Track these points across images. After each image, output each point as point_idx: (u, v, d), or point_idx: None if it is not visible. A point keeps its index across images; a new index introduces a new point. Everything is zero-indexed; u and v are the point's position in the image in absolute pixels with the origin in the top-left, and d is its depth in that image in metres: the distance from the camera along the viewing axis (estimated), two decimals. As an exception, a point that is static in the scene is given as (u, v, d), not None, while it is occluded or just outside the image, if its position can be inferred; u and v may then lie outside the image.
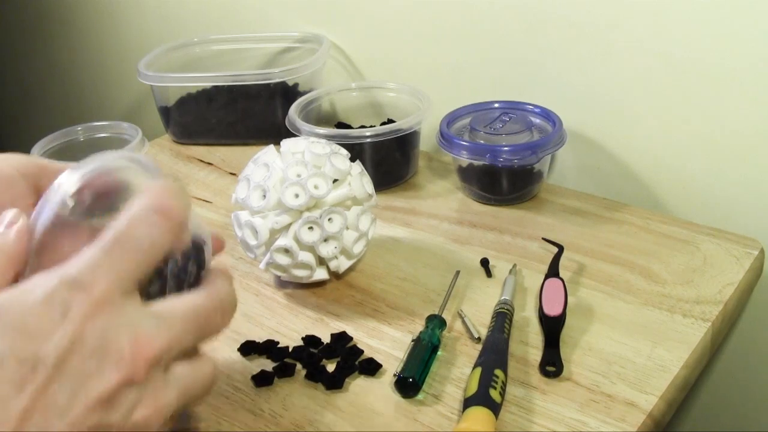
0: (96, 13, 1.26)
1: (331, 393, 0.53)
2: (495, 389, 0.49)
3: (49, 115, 1.50)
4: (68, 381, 0.33)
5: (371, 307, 0.61)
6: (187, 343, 0.38)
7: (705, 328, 0.57)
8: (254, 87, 0.89)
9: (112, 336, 0.34)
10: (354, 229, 0.61)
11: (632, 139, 0.76)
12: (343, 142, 0.69)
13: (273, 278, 0.65)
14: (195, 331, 0.39)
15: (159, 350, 0.36)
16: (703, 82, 0.69)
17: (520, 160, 0.70)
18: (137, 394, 0.35)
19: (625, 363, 0.54)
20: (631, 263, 0.65)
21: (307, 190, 0.58)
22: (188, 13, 1.11)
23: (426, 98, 0.79)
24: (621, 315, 0.59)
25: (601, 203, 0.74)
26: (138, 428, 0.35)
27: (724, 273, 0.63)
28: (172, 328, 0.37)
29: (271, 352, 0.57)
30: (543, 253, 0.66)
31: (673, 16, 0.68)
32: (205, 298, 0.40)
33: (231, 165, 0.87)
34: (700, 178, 0.73)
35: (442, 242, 0.69)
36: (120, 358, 0.34)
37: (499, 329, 0.56)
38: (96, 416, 0.34)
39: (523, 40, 0.79)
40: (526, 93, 0.79)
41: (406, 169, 0.80)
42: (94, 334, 0.34)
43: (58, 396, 0.33)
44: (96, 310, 0.34)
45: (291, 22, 0.98)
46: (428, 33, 0.86)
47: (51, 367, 0.33)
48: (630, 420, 0.49)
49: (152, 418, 0.36)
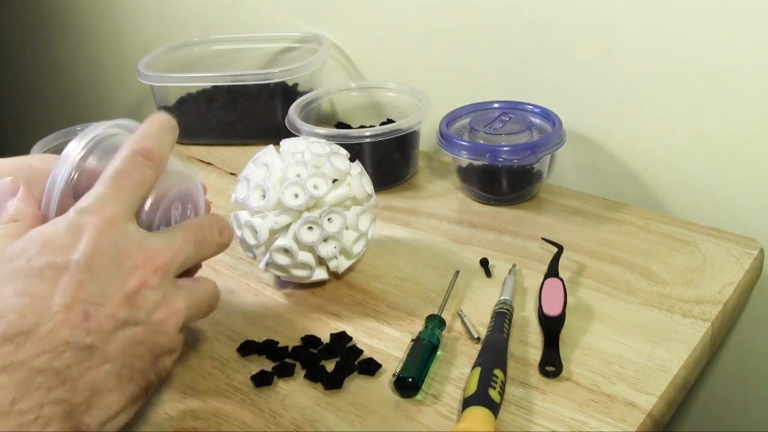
0: (96, 13, 1.27)
1: (330, 393, 0.53)
2: (494, 389, 0.49)
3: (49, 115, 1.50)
4: (97, 281, 0.40)
5: (371, 307, 0.61)
6: (189, 254, 0.46)
7: (705, 328, 0.57)
8: (254, 87, 0.89)
9: (124, 248, 0.42)
10: (354, 229, 0.61)
11: (632, 139, 0.76)
12: (343, 142, 0.69)
13: (273, 278, 0.65)
14: (195, 243, 0.46)
15: (165, 259, 0.44)
16: (703, 82, 0.69)
17: (519, 160, 0.70)
18: (155, 297, 0.43)
19: (624, 363, 0.54)
20: (631, 263, 0.65)
21: (307, 190, 0.58)
22: (188, 13, 1.11)
23: (426, 98, 0.79)
24: (621, 315, 0.59)
25: (601, 203, 0.74)
26: (157, 327, 0.43)
27: (724, 273, 0.63)
28: (174, 242, 0.45)
29: (271, 352, 0.57)
30: (542, 253, 0.66)
31: (673, 16, 0.68)
32: (201, 218, 0.49)
33: (231, 165, 0.87)
34: (700, 178, 0.73)
35: (441, 242, 0.69)
36: (134, 265, 0.42)
37: (499, 329, 0.56)
38: (125, 311, 0.41)
39: (523, 41, 0.79)
40: (526, 93, 0.79)
41: (405, 169, 0.80)
42: (109, 245, 0.42)
43: (92, 292, 0.40)
44: (106, 227, 0.42)
45: (291, 22, 0.98)
46: (428, 33, 0.86)
47: (80, 269, 0.40)
48: (630, 420, 0.49)
49: (168, 320, 0.43)
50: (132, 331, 0.41)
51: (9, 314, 0.38)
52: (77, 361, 0.39)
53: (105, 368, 0.40)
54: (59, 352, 0.38)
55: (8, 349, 0.37)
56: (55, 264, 0.40)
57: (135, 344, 0.42)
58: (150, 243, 0.43)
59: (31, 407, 0.37)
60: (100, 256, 0.41)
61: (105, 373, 0.40)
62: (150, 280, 0.42)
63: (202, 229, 0.48)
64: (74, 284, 0.40)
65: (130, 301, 0.41)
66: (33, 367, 0.37)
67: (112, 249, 0.42)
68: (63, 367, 0.38)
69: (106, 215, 0.42)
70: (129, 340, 0.41)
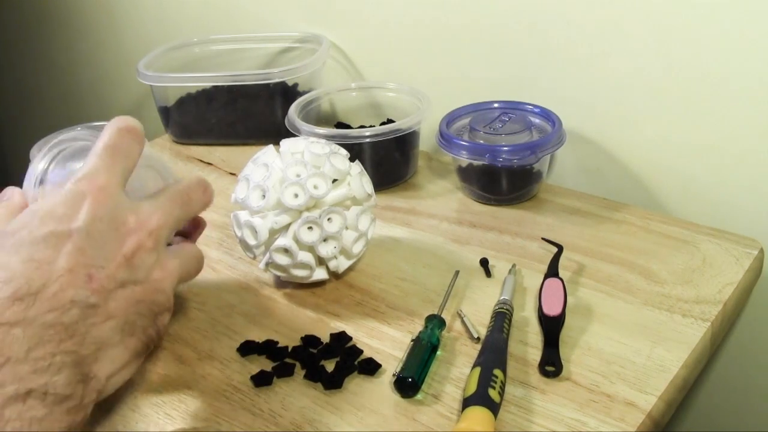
0: (95, 13, 1.27)
1: (330, 393, 0.53)
2: (494, 389, 0.49)
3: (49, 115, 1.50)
4: (97, 245, 0.44)
5: (371, 307, 0.61)
6: (178, 215, 0.49)
7: (704, 328, 0.57)
8: (254, 87, 0.89)
9: (119, 214, 0.45)
10: (353, 229, 0.61)
11: (632, 139, 0.76)
12: (343, 142, 0.69)
13: (272, 278, 0.65)
14: (181, 204, 0.50)
15: (157, 222, 0.47)
16: (703, 82, 0.69)
17: (519, 160, 0.70)
18: (150, 259, 0.46)
19: (624, 363, 0.54)
20: (630, 263, 0.65)
21: (307, 190, 0.58)
22: (188, 13, 1.11)
23: (425, 98, 0.79)
24: (620, 315, 0.59)
25: (601, 203, 0.74)
26: (155, 285, 0.46)
27: (724, 273, 0.63)
28: (163, 206, 0.48)
29: (271, 352, 0.57)
30: (542, 253, 0.66)
31: (672, 17, 0.68)
32: (182, 182, 0.51)
33: (230, 165, 0.87)
34: (700, 178, 0.73)
35: (441, 242, 0.69)
36: (130, 229, 0.46)
37: (499, 329, 0.56)
38: (125, 272, 0.44)
39: (523, 41, 0.79)
40: (526, 93, 0.79)
41: (405, 169, 0.80)
42: (106, 212, 0.45)
43: (92, 256, 0.43)
44: (102, 195, 0.45)
45: (291, 22, 0.98)
46: (428, 33, 0.86)
47: (81, 236, 0.43)
48: (629, 420, 0.49)
49: (164, 279, 0.47)
50: (132, 290, 0.45)
51: (17, 279, 0.40)
52: (83, 317, 0.42)
53: (109, 324, 0.43)
54: (66, 309, 0.41)
55: (19, 308, 0.40)
56: (57, 232, 0.43)
57: (135, 302, 0.45)
58: (142, 209, 0.47)
59: (44, 355, 0.40)
60: (98, 223, 0.44)
61: (109, 329, 0.43)
62: (145, 243, 0.46)
63: (186, 191, 0.51)
64: (76, 250, 0.42)
65: (128, 263, 0.45)
66: (44, 322, 0.40)
67: (108, 216, 0.45)
68: (71, 323, 0.41)
69: (100, 184, 0.45)
70: (129, 298, 0.45)
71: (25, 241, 0.42)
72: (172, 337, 0.59)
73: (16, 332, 0.39)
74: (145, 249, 0.46)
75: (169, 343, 0.59)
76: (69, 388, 0.40)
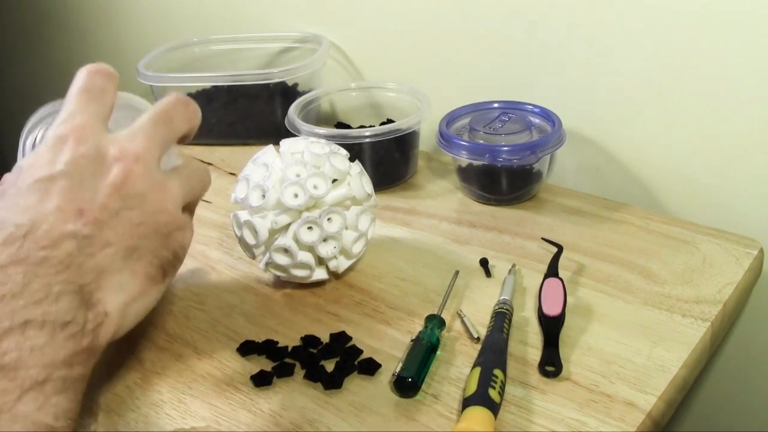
0: (95, 14, 1.26)
1: (330, 393, 0.53)
2: (494, 389, 0.49)
3: (48, 115, 1.50)
4: (84, 181, 0.44)
5: (370, 307, 0.61)
6: (164, 135, 0.48)
7: (704, 328, 0.57)
8: (254, 87, 0.89)
9: (101, 148, 0.45)
10: (353, 229, 0.61)
11: (632, 139, 0.76)
12: (343, 142, 0.69)
13: (272, 278, 0.65)
14: (164, 124, 0.49)
15: (142, 146, 0.46)
16: (703, 82, 0.69)
17: (519, 160, 0.70)
18: (143, 184, 0.45)
19: (624, 363, 0.54)
20: (630, 263, 0.65)
21: (307, 190, 0.58)
22: (188, 13, 1.11)
23: (425, 98, 0.79)
24: (620, 315, 0.59)
25: (601, 203, 0.74)
26: (154, 207, 0.46)
27: (724, 273, 0.63)
28: (144, 130, 0.47)
29: (270, 352, 0.57)
30: (542, 253, 0.66)
31: (672, 16, 0.68)
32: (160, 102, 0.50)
33: (230, 165, 0.87)
34: (700, 178, 0.73)
35: (441, 242, 0.69)
36: (114, 158, 0.45)
37: (499, 329, 0.56)
38: (116, 201, 0.44)
39: (522, 40, 0.79)
40: (526, 93, 0.79)
41: (405, 169, 0.80)
42: (87, 149, 0.45)
43: (80, 191, 0.43)
44: (81, 133, 0.45)
45: (291, 22, 0.98)
46: (428, 33, 0.86)
47: (66, 177, 0.43)
48: (629, 420, 0.49)
49: (164, 200, 0.47)
50: (128, 216, 0.45)
51: (7, 226, 0.41)
52: (78, 249, 0.42)
53: (107, 252, 0.43)
54: (59, 243, 0.41)
55: (11, 250, 0.40)
56: (41, 178, 0.43)
57: (135, 226, 0.45)
58: (123, 138, 0.47)
59: (40, 288, 0.40)
60: (81, 160, 0.44)
61: (108, 256, 0.43)
62: (134, 169, 0.45)
63: (165, 110, 0.50)
64: (63, 190, 0.43)
65: (119, 191, 0.44)
66: (37, 258, 0.41)
67: (90, 151, 0.45)
68: (65, 256, 0.41)
69: (77, 124, 0.46)
70: (127, 224, 0.45)
71: (14, 194, 0.43)
72: (172, 337, 0.59)
73: (9, 272, 0.40)
74: (135, 175, 0.45)
75: (169, 343, 0.59)
76: (69, 314, 0.41)
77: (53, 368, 0.39)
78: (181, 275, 0.67)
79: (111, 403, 0.53)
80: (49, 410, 0.39)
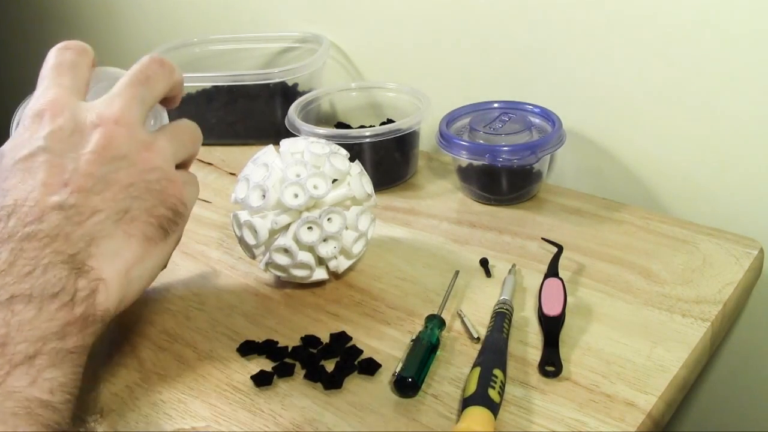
0: (95, 13, 1.26)
1: (330, 393, 0.53)
2: (494, 389, 0.49)
3: (49, 115, 1.50)
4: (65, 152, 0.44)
5: (370, 307, 0.61)
6: (143, 96, 0.48)
7: (704, 328, 0.57)
8: (254, 87, 0.89)
9: (79, 117, 0.45)
10: (353, 229, 0.61)
11: (632, 139, 0.76)
12: (343, 142, 0.69)
13: (272, 278, 0.65)
14: (141, 84, 0.48)
15: (119, 108, 0.46)
16: (703, 81, 0.69)
17: (519, 160, 0.70)
18: (127, 145, 0.45)
19: (624, 363, 0.54)
20: (630, 263, 0.65)
21: (307, 190, 0.58)
22: (188, 13, 1.11)
23: (425, 98, 0.79)
24: (620, 315, 0.59)
25: (601, 203, 0.74)
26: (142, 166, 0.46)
27: (724, 273, 0.63)
28: (121, 93, 0.47)
29: (271, 352, 0.57)
30: (542, 253, 0.66)
31: (673, 16, 0.68)
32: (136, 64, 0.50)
33: (230, 165, 0.87)
34: (700, 178, 0.73)
35: (441, 242, 0.69)
36: (92, 123, 0.45)
37: (499, 329, 0.56)
38: (100, 167, 0.44)
39: (522, 40, 0.79)
40: (526, 93, 0.79)
41: (405, 169, 0.81)
42: (65, 120, 0.45)
43: (62, 163, 0.43)
44: (56, 106, 0.45)
45: (291, 22, 0.98)
46: (428, 33, 0.86)
47: (46, 151, 0.43)
48: (629, 420, 0.49)
49: (152, 158, 0.46)
50: (115, 179, 0.44)
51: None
52: (65, 219, 0.42)
53: (96, 219, 0.43)
54: (45, 216, 0.41)
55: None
56: (22, 158, 0.43)
57: (124, 188, 0.45)
58: (100, 104, 0.46)
59: (27, 261, 0.40)
60: (59, 132, 0.44)
61: (97, 222, 0.43)
62: (115, 133, 0.45)
63: (141, 70, 0.50)
64: (44, 165, 0.43)
65: (102, 156, 0.44)
66: (24, 233, 0.40)
67: (68, 122, 0.45)
68: (51, 227, 0.41)
69: (51, 98, 0.45)
70: (116, 187, 0.44)
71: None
72: (172, 337, 0.59)
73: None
74: (117, 137, 0.45)
75: (169, 343, 0.59)
76: (58, 284, 0.40)
77: (44, 341, 0.39)
78: (181, 275, 0.67)
79: (111, 403, 0.53)
80: (43, 385, 0.38)
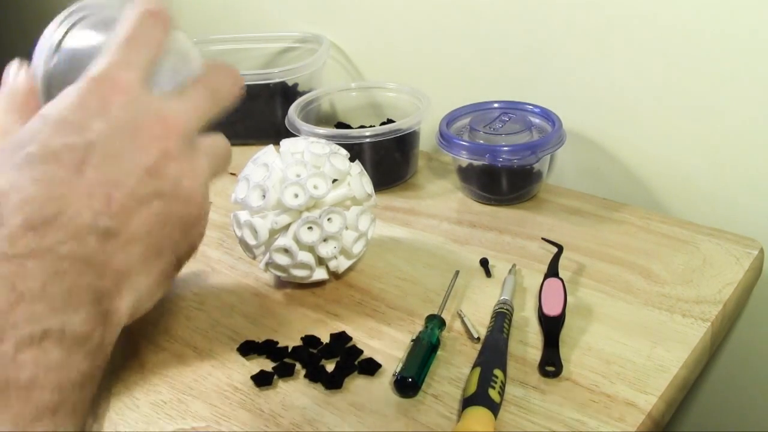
0: (96, 13, 1.26)
1: (330, 393, 0.53)
2: (494, 389, 0.49)
3: (49, 115, 1.50)
4: (116, 160, 0.38)
5: (371, 307, 0.61)
6: (206, 110, 0.43)
7: (704, 328, 0.57)
8: (254, 87, 0.89)
9: (142, 120, 0.39)
10: (353, 229, 0.61)
11: (632, 139, 0.76)
12: (343, 142, 0.69)
13: (272, 278, 0.65)
14: (210, 97, 0.44)
15: (184, 122, 0.41)
16: (703, 82, 0.69)
17: (519, 160, 0.70)
18: (177, 166, 0.40)
19: (624, 363, 0.54)
20: (630, 263, 0.65)
21: (307, 190, 0.58)
22: (188, 13, 1.11)
23: (425, 98, 0.79)
24: (620, 315, 0.59)
25: (601, 203, 0.74)
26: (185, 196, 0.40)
27: (724, 273, 0.63)
28: (191, 101, 0.42)
29: (271, 352, 0.57)
30: (542, 253, 0.66)
31: (673, 16, 0.68)
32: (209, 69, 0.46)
33: (231, 165, 0.86)
34: (700, 178, 0.73)
35: (441, 242, 0.69)
36: (153, 136, 0.39)
37: (499, 329, 0.56)
38: (150, 185, 0.38)
39: (522, 40, 0.79)
40: (526, 93, 0.79)
41: (405, 169, 0.81)
42: (126, 119, 0.39)
43: (111, 172, 0.37)
44: (121, 98, 0.39)
45: (291, 22, 0.98)
46: (428, 33, 0.86)
47: (98, 151, 0.37)
48: (629, 420, 0.49)
49: (196, 187, 0.41)
50: (157, 205, 0.39)
51: (30, 203, 0.35)
52: (101, 244, 0.36)
53: (130, 250, 0.38)
54: (82, 238, 0.36)
55: (33, 238, 0.34)
56: (70, 145, 0.37)
57: (162, 219, 0.39)
58: (168, 110, 0.40)
59: (61, 291, 0.34)
60: (117, 132, 0.38)
61: (131, 255, 0.38)
62: (172, 150, 0.40)
63: (216, 83, 0.45)
64: (93, 168, 0.37)
65: (151, 176, 0.39)
66: (60, 253, 0.35)
67: (129, 123, 0.39)
68: (88, 253, 0.36)
69: (120, 84, 0.39)
70: (154, 216, 0.39)
71: (36, 156, 0.36)
72: (172, 337, 0.59)
73: (30, 265, 0.34)
74: (172, 156, 0.39)
75: (169, 343, 0.59)
76: (88, 326, 0.35)
77: (67, 392, 0.34)
78: (181, 275, 0.66)
79: (111, 403, 0.53)
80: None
